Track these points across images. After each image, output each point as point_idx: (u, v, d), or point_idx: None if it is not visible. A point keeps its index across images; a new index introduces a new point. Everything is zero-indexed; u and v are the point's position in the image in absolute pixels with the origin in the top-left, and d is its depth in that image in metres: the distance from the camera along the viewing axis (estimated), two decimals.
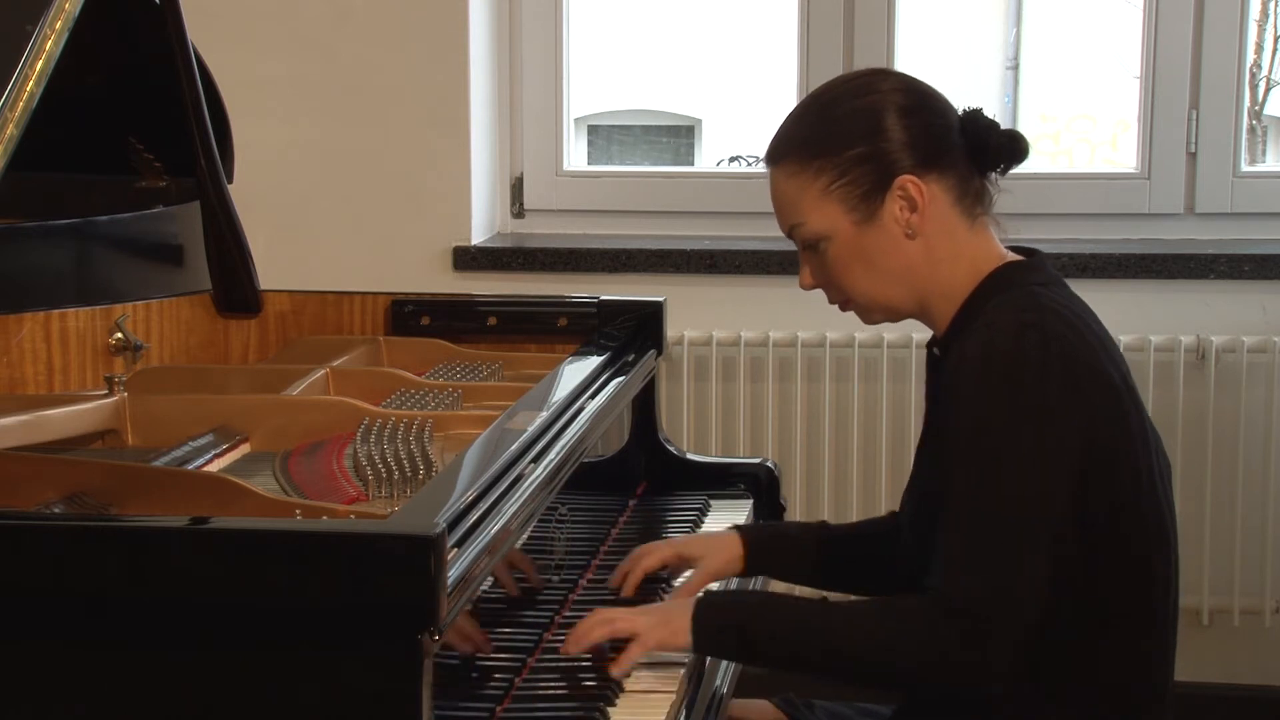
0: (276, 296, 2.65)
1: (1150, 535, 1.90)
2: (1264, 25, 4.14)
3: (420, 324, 2.67)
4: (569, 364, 2.35)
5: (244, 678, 1.48)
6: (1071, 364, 1.84)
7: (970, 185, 1.95)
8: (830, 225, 1.94)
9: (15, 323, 2.20)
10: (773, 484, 2.63)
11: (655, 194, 3.76)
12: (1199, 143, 3.56)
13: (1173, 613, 1.95)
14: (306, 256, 3.54)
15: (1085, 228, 3.61)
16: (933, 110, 1.95)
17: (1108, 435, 1.85)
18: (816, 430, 3.53)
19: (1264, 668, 3.54)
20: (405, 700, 1.46)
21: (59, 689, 1.51)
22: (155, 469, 1.93)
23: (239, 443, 2.14)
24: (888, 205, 1.92)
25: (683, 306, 3.29)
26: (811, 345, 3.51)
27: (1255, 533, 3.46)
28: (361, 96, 3.60)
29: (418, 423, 2.10)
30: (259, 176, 2.84)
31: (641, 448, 2.59)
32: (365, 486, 1.92)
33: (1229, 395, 3.43)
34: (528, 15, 3.71)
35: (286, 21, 3.59)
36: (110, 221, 2.43)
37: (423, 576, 1.45)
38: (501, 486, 1.74)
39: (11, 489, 1.82)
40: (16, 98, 1.99)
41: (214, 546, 1.51)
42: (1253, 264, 3.44)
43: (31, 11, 2.05)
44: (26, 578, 1.52)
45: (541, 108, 3.73)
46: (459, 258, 3.60)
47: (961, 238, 1.95)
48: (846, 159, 1.92)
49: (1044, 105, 5.16)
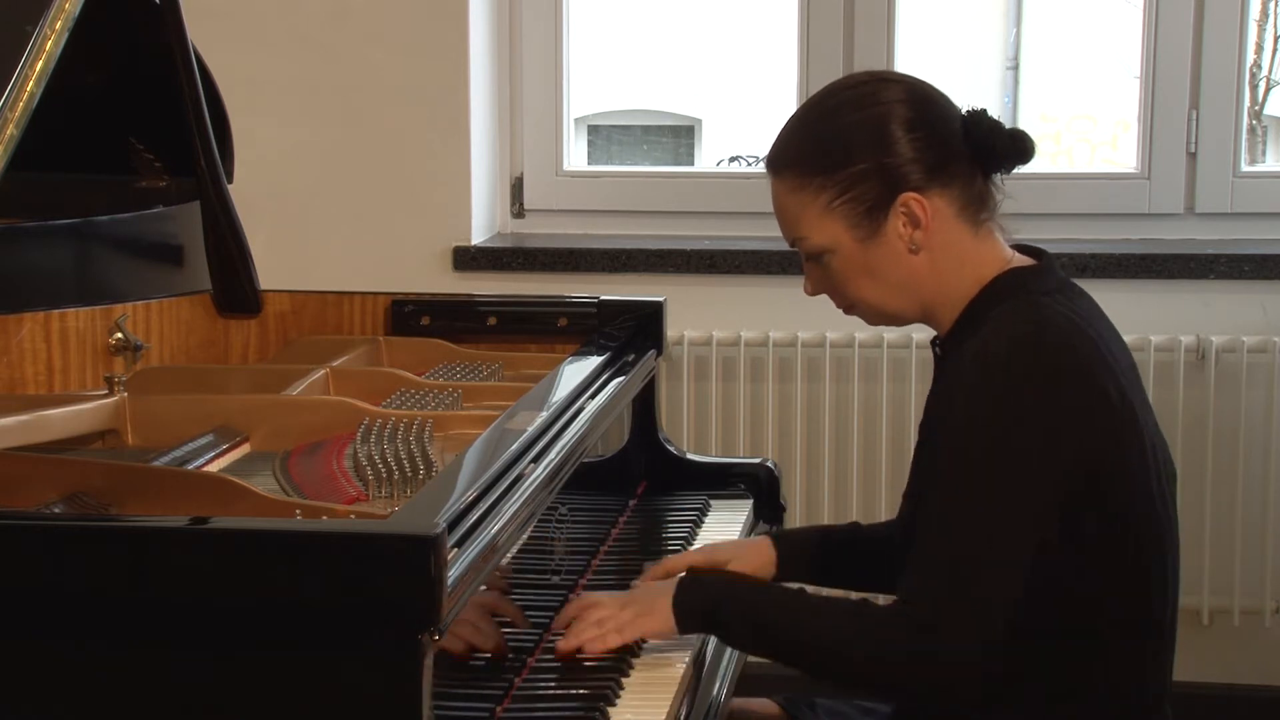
0: (276, 296, 2.65)
1: (1148, 544, 1.90)
2: (1264, 25, 4.14)
3: (420, 324, 2.67)
4: (569, 364, 2.35)
5: (244, 678, 1.48)
6: (1066, 376, 1.83)
7: (974, 190, 1.94)
8: (833, 241, 1.93)
9: (15, 323, 2.20)
10: (773, 484, 2.63)
11: (655, 194, 3.76)
12: (1199, 143, 3.56)
13: (1172, 618, 1.95)
14: (306, 256, 3.54)
15: (1085, 228, 3.61)
16: (936, 119, 1.93)
17: (1100, 448, 1.84)
18: (816, 430, 3.53)
19: (1264, 668, 3.54)
20: (405, 700, 1.46)
21: (59, 689, 1.51)
22: (155, 469, 1.93)
23: (239, 443, 2.14)
24: (891, 222, 1.91)
25: (683, 306, 3.29)
26: (811, 345, 3.51)
27: (1255, 533, 3.46)
28: (361, 96, 3.60)
29: (418, 423, 2.10)
30: (259, 176, 2.84)
31: (641, 448, 2.59)
32: (365, 486, 1.92)
33: (1229, 395, 3.43)
34: (528, 15, 3.71)
35: (286, 21, 3.59)
36: (110, 221, 2.43)
37: (423, 576, 1.45)
38: (501, 486, 1.74)
39: (11, 489, 1.82)
40: (16, 98, 1.99)
41: (214, 546, 1.51)
42: (1253, 264, 3.44)
43: (31, 11, 2.05)
44: (26, 578, 1.52)
45: (541, 108, 3.74)
46: (459, 258, 3.60)
47: (966, 246, 1.94)
48: (849, 175, 1.90)
49: (1044, 105, 5.16)
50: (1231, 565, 3.46)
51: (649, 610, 1.92)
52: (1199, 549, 3.41)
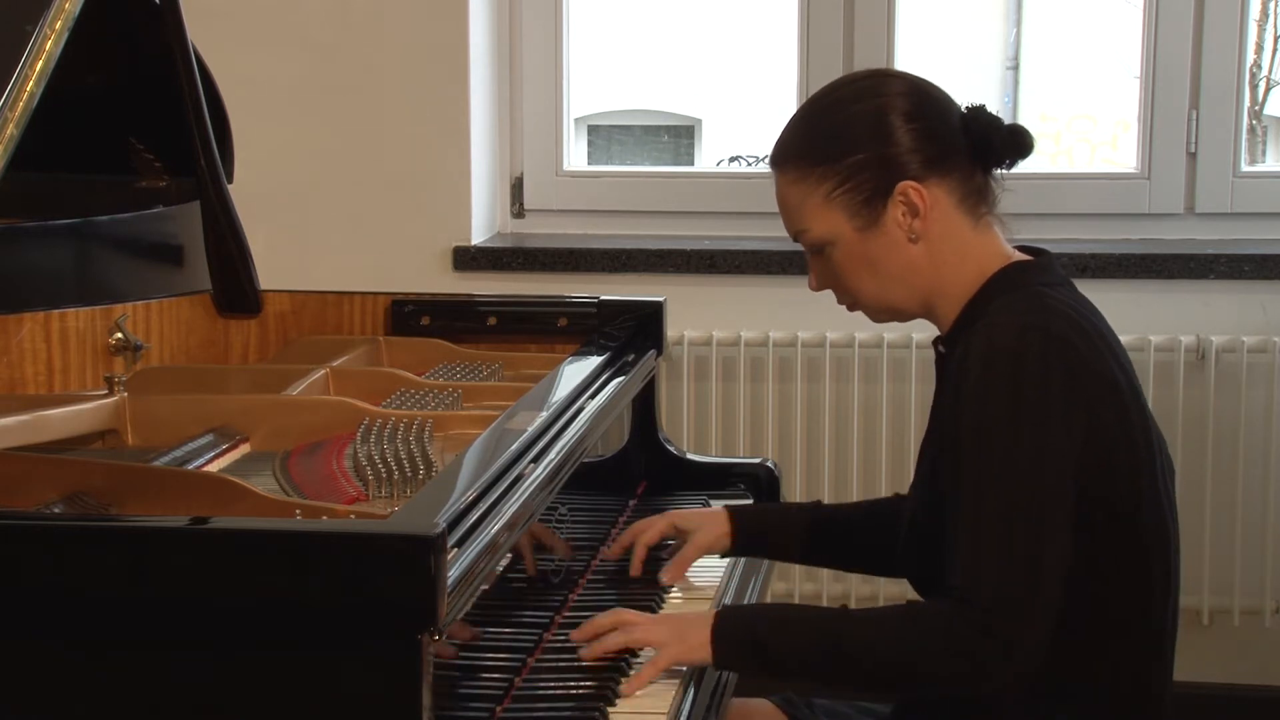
0: (276, 296, 2.65)
1: (1150, 537, 1.90)
2: (1264, 25, 4.15)
3: (420, 324, 2.67)
4: (569, 364, 2.35)
5: (244, 678, 1.48)
6: (1073, 366, 1.84)
7: (973, 184, 1.95)
8: (833, 231, 1.94)
9: (15, 323, 2.20)
10: (773, 484, 2.63)
11: (655, 194, 3.76)
12: (1199, 143, 3.56)
13: (1173, 615, 1.95)
14: (306, 256, 3.54)
15: (1085, 228, 3.61)
16: (935, 112, 1.95)
17: (1108, 438, 1.85)
18: (816, 430, 3.53)
19: (1264, 668, 3.54)
20: (405, 700, 1.46)
21: (59, 689, 1.51)
22: (155, 469, 1.93)
23: (239, 443, 2.14)
24: (890, 211, 1.92)
25: (683, 306, 3.29)
26: (811, 345, 3.51)
27: (1255, 533, 3.46)
28: (361, 96, 3.60)
29: (418, 423, 2.10)
30: (259, 176, 2.84)
31: (641, 448, 2.59)
32: (365, 486, 1.92)
33: (1229, 395, 3.43)
34: (528, 15, 3.71)
35: (286, 21, 3.59)
36: (110, 221, 2.43)
37: (423, 576, 1.45)
38: (501, 486, 1.74)
39: (11, 489, 1.82)
40: (16, 98, 1.99)
41: (214, 546, 1.51)
42: (1253, 264, 3.44)
43: (31, 11, 2.05)
44: (26, 578, 1.52)
45: (541, 108, 3.73)
46: (459, 258, 3.60)
47: (965, 238, 1.95)
48: (848, 166, 1.92)
49: (1044, 105, 5.16)
50: (1231, 565, 3.46)
51: (681, 637, 1.88)
52: (1199, 549, 3.41)
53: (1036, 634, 1.80)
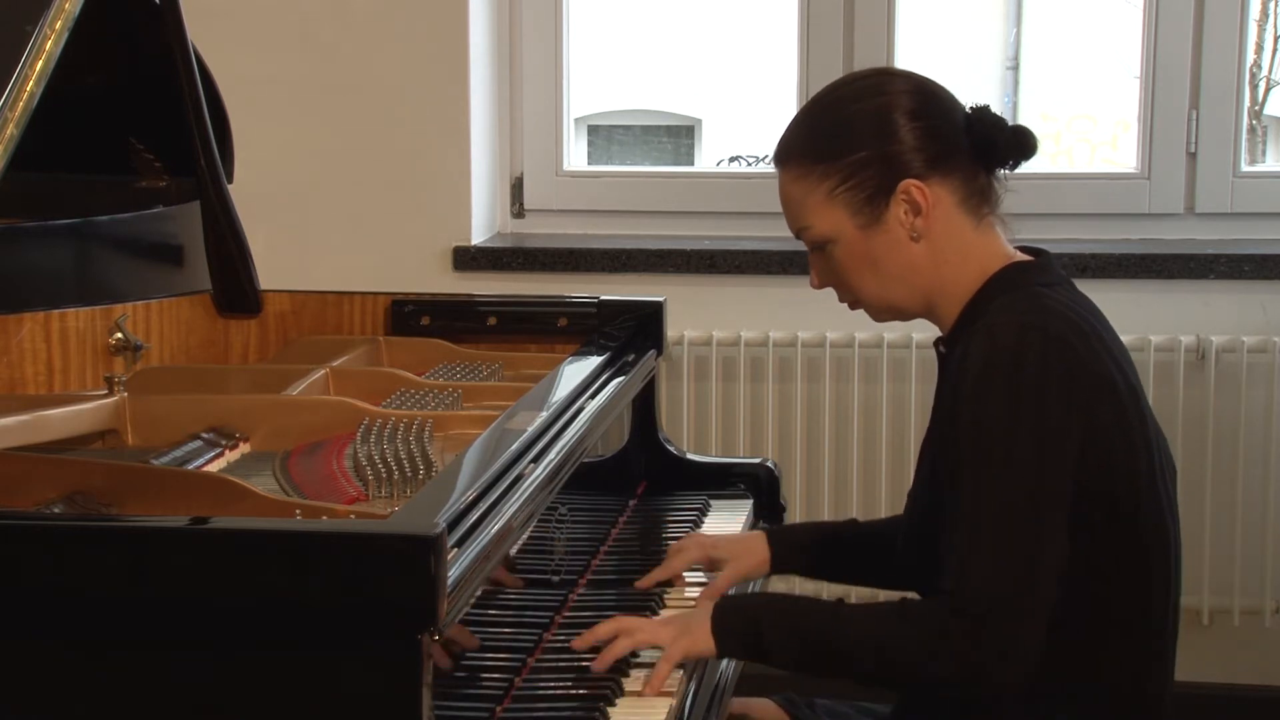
0: (276, 296, 2.65)
1: (1150, 537, 1.90)
2: (1264, 25, 4.14)
3: (420, 324, 2.67)
4: (569, 364, 2.35)
5: (244, 678, 1.48)
6: (1072, 366, 1.84)
7: (976, 184, 1.95)
8: (835, 229, 1.94)
9: (15, 323, 2.20)
10: (773, 484, 2.63)
11: (655, 194, 3.76)
12: (1199, 143, 3.56)
13: (1173, 614, 1.95)
14: (306, 256, 3.54)
15: (1085, 228, 3.61)
16: (939, 111, 1.95)
17: (1107, 438, 1.85)
18: (816, 430, 3.53)
19: (1264, 668, 3.54)
20: (405, 700, 1.46)
21: (59, 689, 1.51)
22: (155, 469, 1.93)
23: (239, 443, 2.14)
24: (892, 209, 1.92)
25: (683, 306, 3.29)
26: (811, 345, 3.51)
27: (1255, 533, 3.46)
28: (361, 96, 3.60)
29: (418, 423, 2.10)
30: (259, 176, 2.84)
31: (641, 448, 2.59)
32: (365, 486, 1.92)
33: (1229, 395, 3.43)
34: (528, 15, 3.71)
35: (286, 21, 3.59)
36: (110, 221, 2.43)
37: (423, 576, 1.45)
38: (501, 486, 1.74)
39: (11, 489, 1.82)
40: (16, 98, 1.99)
41: (214, 546, 1.51)
42: (1253, 264, 3.44)
43: (31, 11, 2.05)
44: (26, 578, 1.52)
45: (541, 108, 3.74)
46: (459, 258, 3.60)
47: (967, 238, 1.95)
48: (851, 163, 1.92)
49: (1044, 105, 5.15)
50: (1231, 565, 3.46)
51: (686, 631, 1.90)
52: (1199, 549, 3.41)
53: (1032, 634, 1.80)
